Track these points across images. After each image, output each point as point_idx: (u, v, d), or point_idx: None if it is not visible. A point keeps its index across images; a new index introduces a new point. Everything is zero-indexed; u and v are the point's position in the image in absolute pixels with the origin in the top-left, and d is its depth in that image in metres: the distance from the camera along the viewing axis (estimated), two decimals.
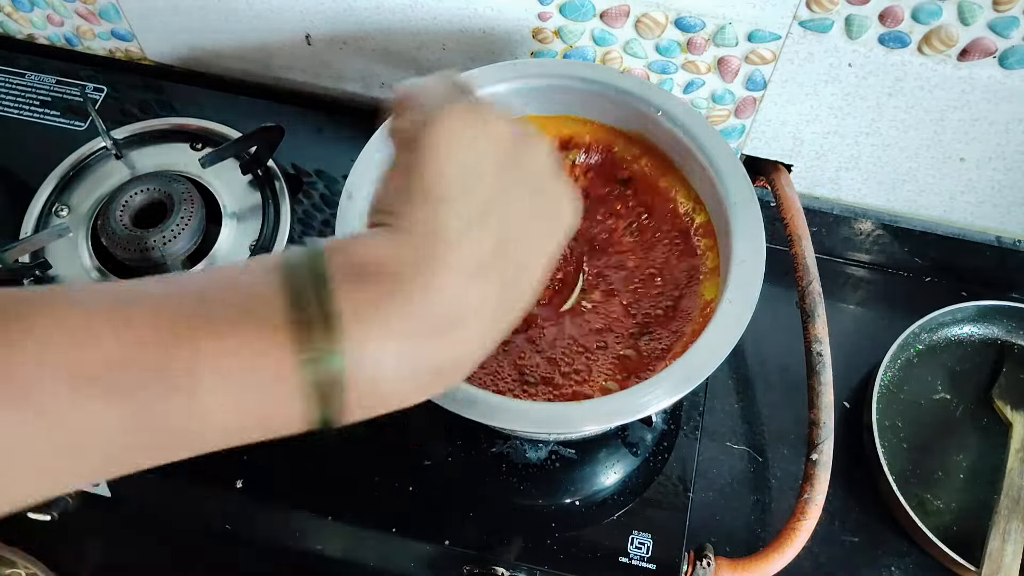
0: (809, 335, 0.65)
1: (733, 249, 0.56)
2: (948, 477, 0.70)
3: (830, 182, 0.77)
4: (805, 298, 0.66)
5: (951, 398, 0.74)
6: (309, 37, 0.79)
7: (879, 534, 0.69)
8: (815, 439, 0.60)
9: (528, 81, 0.64)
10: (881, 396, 0.72)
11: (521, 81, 0.64)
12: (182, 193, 0.71)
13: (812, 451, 0.60)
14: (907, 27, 0.61)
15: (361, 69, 0.81)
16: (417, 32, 0.74)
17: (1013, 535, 0.64)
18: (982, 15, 0.59)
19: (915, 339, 0.75)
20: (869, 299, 0.81)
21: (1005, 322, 0.76)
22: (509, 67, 0.65)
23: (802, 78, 0.68)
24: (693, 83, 0.71)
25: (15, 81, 0.83)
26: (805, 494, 0.59)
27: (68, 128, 0.80)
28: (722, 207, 0.59)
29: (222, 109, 0.80)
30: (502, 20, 0.70)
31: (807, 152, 0.75)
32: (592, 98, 0.65)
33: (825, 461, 0.60)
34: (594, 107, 0.65)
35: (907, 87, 0.66)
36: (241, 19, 0.78)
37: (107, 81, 0.83)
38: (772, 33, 0.65)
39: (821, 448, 0.60)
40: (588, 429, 0.53)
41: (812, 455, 0.60)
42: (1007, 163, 0.71)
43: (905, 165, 0.73)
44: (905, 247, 0.80)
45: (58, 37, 0.88)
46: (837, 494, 0.68)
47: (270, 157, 0.75)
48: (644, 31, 0.68)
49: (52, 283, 0.71)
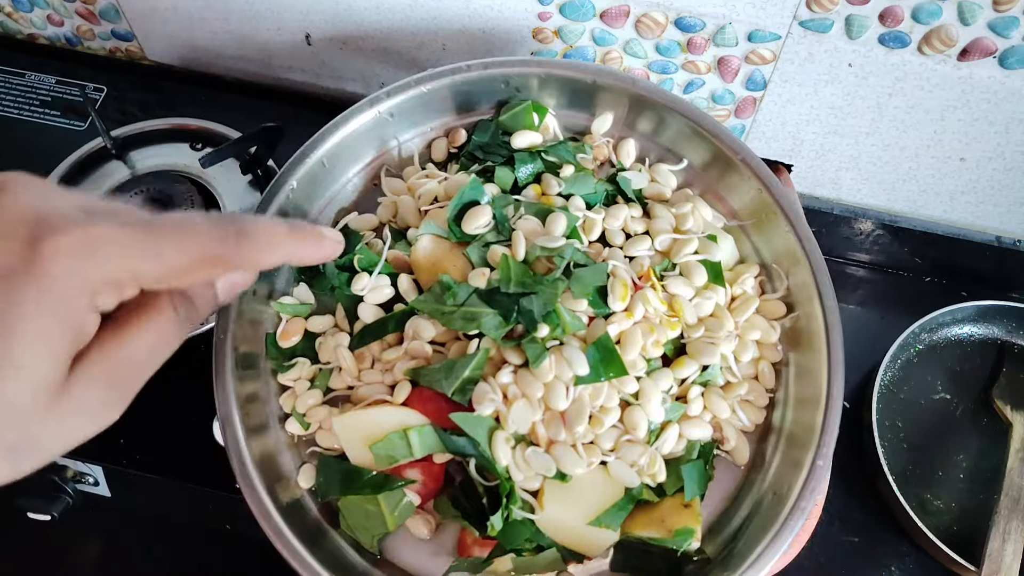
0: None
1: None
2: (948, 477, 0.70)
3: (830, 182, 0.77)
4: None
5: (951, 398, 0.74)
6: (309, 37, 0.79)
7: (879, 534, 0.69)
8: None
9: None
10: (881, 396, 0.72)
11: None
12: (182, 193, 0.71)
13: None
14: (907, 27, 0.61)
15: (361, 69, 0.81)
16: (417, 32, 0.74)
17: (1013, 535, 0.64)
18: (982, 15, 0.59)
19: (915, 339, 0.75)
20: (869, 299, 0.81)
21: (1005, 322, 0.76)
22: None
23: (802, 78, 0.68)
24: (693, 83, 0.72)
25: (15, 81, 0.83)
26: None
27: (68, 128, 0.80)
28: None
29: (222, 109, 0.80)
30: (502, 20, 0.70)
31: (807, 152, 0.75)
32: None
33: (825, 461, 0.60)
34: None
35: (907, 87, 0.66)
36: (241, 19, 0.79)
37: (107, 81, 0.83)
38: (772, 33, 0.65)
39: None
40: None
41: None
42: (1007, 163, 0.71)
43: (905, 165, 0.73)
44: (905, 247, 0.80)
45: (58, 37, 0.88)
46: (837, 494, 0.68)
47: (270, 157, 0.75)
48: (644, 31, 0.68)
49: None
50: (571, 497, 0.49)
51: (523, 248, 0.51)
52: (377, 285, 0.54)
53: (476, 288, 0.50)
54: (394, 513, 0.50)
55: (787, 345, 0.54)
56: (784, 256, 0.54)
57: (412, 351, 0.51)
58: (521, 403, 0.48)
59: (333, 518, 0.52)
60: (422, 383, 0.50)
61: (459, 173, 0.57)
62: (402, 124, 0.59)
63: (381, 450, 0.49)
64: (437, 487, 0.51)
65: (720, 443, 0.53)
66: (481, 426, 0.48)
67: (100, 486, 0.68)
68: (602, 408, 0.49)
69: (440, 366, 0.49)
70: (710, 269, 0.53)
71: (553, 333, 0.49)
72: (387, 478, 0.50)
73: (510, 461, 0.48)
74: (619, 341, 0.50)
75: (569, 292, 0.50)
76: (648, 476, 0.50)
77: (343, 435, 0.50)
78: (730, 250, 0.56)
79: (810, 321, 0.52)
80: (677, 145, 0.58)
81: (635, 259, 0.53)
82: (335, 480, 0.51)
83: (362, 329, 0.53)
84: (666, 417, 0.51)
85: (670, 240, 0.54)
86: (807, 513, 0.48)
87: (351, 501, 0.50)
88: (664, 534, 0.49)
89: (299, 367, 0.54)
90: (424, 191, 0.56)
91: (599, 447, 0.49)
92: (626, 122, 0.59)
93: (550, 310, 0.49)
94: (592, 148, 0.59)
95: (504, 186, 0.56)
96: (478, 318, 0.49)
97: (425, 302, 0.51)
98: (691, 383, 0.52)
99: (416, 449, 0.49)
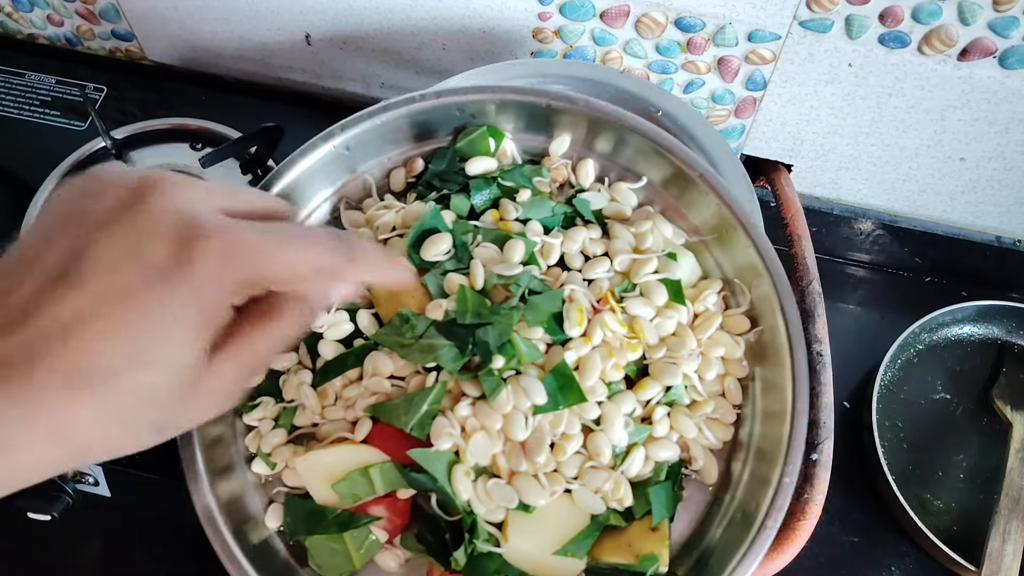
0: (809, 335, 0.65)
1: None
2: (948, 477, 0.70)
3: (830, 182, 0.77)
4: (805, 298, 0.66)
5: (951, 398, 0.74)
6: (309, 37, 0.79)
7: (879, 534, 0.69)
8: (815, 439, 0.60)
9: (528, 81, 0.64)
10: (881, 396, 0.72)
11: (521, 81, 0.64)
12: None
13: (812, 451, 0.60)
14: (907, 27, 0.61)
15: (361, 69, 0.81)
16: (417, 32, 0.74)
17: (1013, 535, 0.64)
18: (982, 15, 0.59)
19: (915, 339, 0.75)
20: (869, 299, 0.81)
21: (1005, 322, 0.76)
22: (509, 67, 0.65)
23: (802, 78, 0.68)
24: (693, 83, 0.72)
25: (15, 81, 0.83)
26: (805, 494, 0.59)
27: (68, 128, 0.80)
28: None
29: (222, 109, 0.80)
30: (502, 20, 0.70)
31: (807, 152, 0.75)
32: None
33: (825, 461, 0.59)
34: None
35: (907, 87, 0.66)
36: (241, 19, 0.79)
37: (107, 81, 0.83)
38: (772, 33, 0.65)
39: (821, 448, 0.59)
40: None
41: (812, 455, 0.60)
42: (1007, 163, 0.71)
43: (905, 165, 0.73)
44: (905, 247, 0.80)
45: (58, 37, 0.88)
46: (837, 494, 0.68)
47: (270, 157, 0.75)
48: (644, 31, 0.68)
49: None
50: (536, 527, 0.48)
51: (481, 277, 0.50)
52: (336, 321, 0.53)
53: (434, 320, 0.49)
54: (360, 551, 0.49)
55: (752, 360, 0.54)
56: (746, 270, 0.54)
57: (372, 387, 0.51)
58: (480, 435, 0.48)
59: (302, 558, 0.51)
60: (382, 419, 0.49)
61: (416, 202, 0.57)
62: (359, 156, 0.58)
63: (344, 489, 0.48)
64: (404, 522, 0.51)
65: (688, 463, 0.52)
66: (440, 461, 0.47)
67: (100, 486, 0.68)
68: (563, 435, 0.49)
69: (399, 401, 0.49)
70: (670, 288, 0.52)
71: (509, 364, 0.48)
72: (352, 516, 0.49)
73: (471, 495, 0.47)
74: (578, 367, 0.49)
75: (524, 321, 0.49)
76: (615, 501, 0.49)
77: (306, 475, 0.50)
78: (691, 267, 0.55)
79: (774, 334, 0.52)
80: (636, 163, 0.57)
81: (594, 281, 0.52)
82: (301, 520, 0.50)
83: (323, 366, 0.52)
84: (631, 440, 0.50)
85: (629, 260, 0.53)
86: (774, 532, 0.47)
87: (317, 540, 0.50)
88: (631, 560, 0.48)
89: (263, 407, 0.53)
90: (382, 222, 0.55)
91: (562, 475, 0.49)
92: (584, 143, 0.58)
93: (505, 340, 0.48)
94: (550, 171, 0.58)
95: (460, 213, 0.55)
96: (435, 350, 0.48)
97: (385, 335, 0.50)
98: (656, 404, 0.51)
99: (378, 486, 0.48)
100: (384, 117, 0.56)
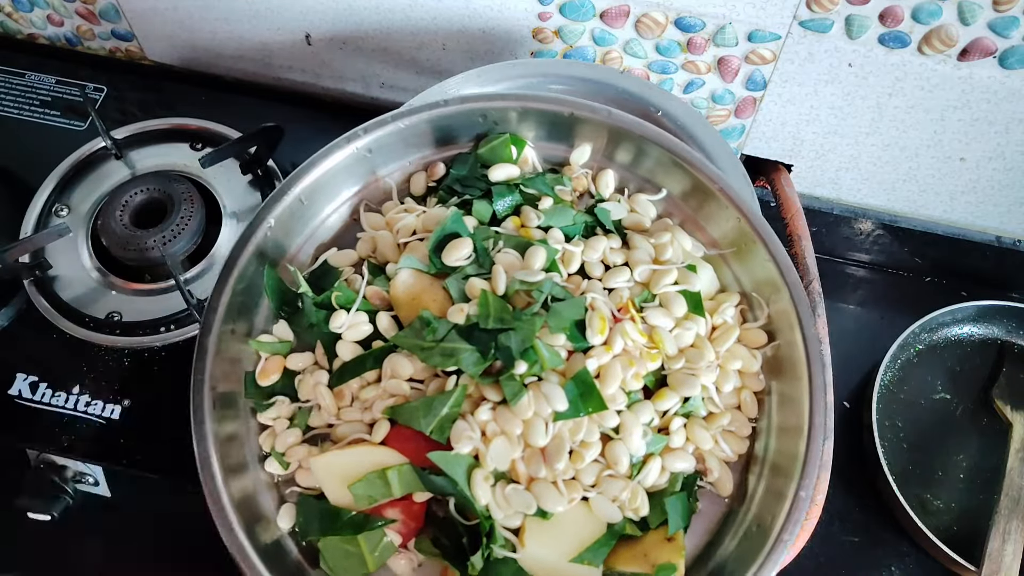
0: None
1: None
2: (948, 477, 0.70)
3: (830, 182, 0.77)
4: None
5: (951, 398, 0.74)
6: (309, 37, 0.79)
7: (879, 534, 0.69)
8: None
9: (528, 81, 0.64)
10: (881, 396, 0.72)
11: (522, 81, 0.64)
12: (182, 193, 0.71)
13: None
14: (907, 27, 0.61)
15: (361, 69, 0.81)
16: (417, 32, 0.74)
17: (1013, 535, 0.64)
18: (982, 15, 0.59)
19: (915, 339, 0.75)
20: (869, 299, 0.81)
21: (1005, 322, 0.76)
22: (509, 67, 0.65)
23: (802, 78, 0.68)
24: (693, 83, 0.72)
25: (15, 81, 0.83)
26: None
27: (68, 128, 0.80)
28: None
29: (222, 109, 0.80)
30: (502, 20, 0.70)
31: (807, 152, 0.75)
32: (592, 98, 0.64)
33: (825, 461, 0.60)
34: None
35: (907, 87, 0.66)
36: (241, 19, 0.79)
37: (107, 81, 0.83)
38: (772, 33, 0.65)
39: (822, 448, 0.59)
40: None
41: None
42: (1007, 163, 0.71)
43: (905, 165, 0.73)
44: (905, 247, 0.80)
45: (58, 37, 0.88)
46: (837, 494, 0.68)
47: (270, 157, 0.75)
48: (644, 31, 0.68)
49: (52, 282, 0.71)
50: (553, 534, 0.48)
51: (503, 282, 0.51)
52: (355, 322, 0.53)
53: (455, 324, 0.49)
54: (374, 553, 0.49)
55: (769, 374, 0.54)
56: (764, 284, 0.54)
57: (390, 389, 0.51)
58: (500, 440, 0.48)
59: (314, 559, 0.51)
60: (400, 421, 0.49)
61: (437, 207, 0.57)
62: (381, 159, 0.58)
63: (360, 490, 0.48)
64: (418, 526, 0.51)
65: (703, 474, 0.52)
66: (460, 465, 0.47)
67: (100, 486, 0.68)
68: (582, 443, 0.49)
69: (418, 403, 0.49)
70: (690, 299, 0.53)
71: (531, 369, 0.48)
72: (367, 518, 0.49)
73: (490, 499, 0.48)
74: (599, 375, 0.50)
75: (547, 327, 0.49)
76: (631, 510, 0.49)
77: (322, 475, 0.50)
78: (710, 279, 0.56)
79: (791, 349, 0.52)
80: (656, 175, 0.57)
81: (614, 291, 0.53)
82: (315, 520, 0.50)
83: (341, 367, 0.53)
84: (648, 450, 0.50)
85: (649, 271, 0.53)
86: (790, 545, 0.47)
87: (331, 542, 0.50)
88: (647, 569, 0.48)
89: (278, 406, 0.53)
90: (402, 225, 0.56)
91: (580, 483, 0.49)
92: (605, 153, 0.58)
93: (528, 346, 0.48)
94: (571, 180, 0.58)
95: (482, 219, 0.56)
96: (456, 354, 0.48)
97: (405, 337, 0.50)
98: (673, 415, 0.52)
99: (395, 489, 0.48)
100: (407, 121, 0.56)
